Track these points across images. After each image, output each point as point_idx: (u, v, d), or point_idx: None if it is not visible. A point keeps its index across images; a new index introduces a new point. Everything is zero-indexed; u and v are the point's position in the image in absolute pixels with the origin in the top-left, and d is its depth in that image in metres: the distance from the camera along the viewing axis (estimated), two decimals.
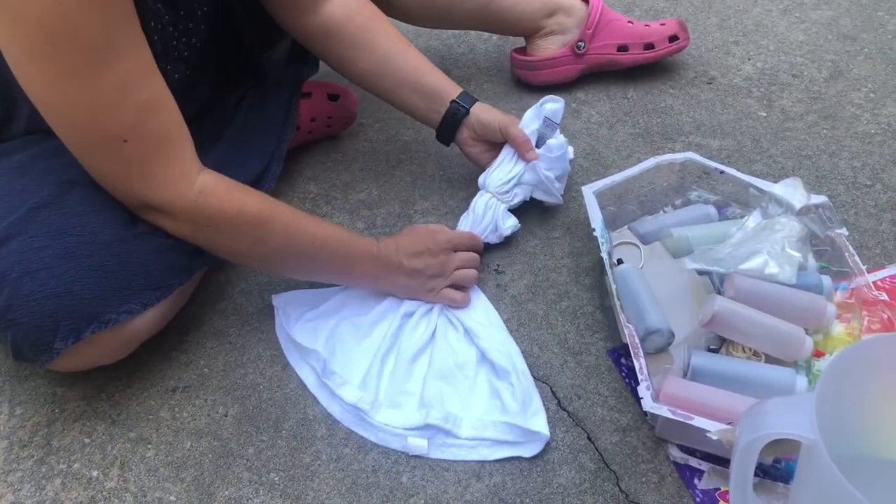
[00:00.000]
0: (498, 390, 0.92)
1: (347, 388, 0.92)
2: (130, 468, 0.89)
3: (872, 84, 1.39)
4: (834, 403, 0.63)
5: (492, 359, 0.94)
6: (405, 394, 0.92)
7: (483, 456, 0.87)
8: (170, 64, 0.92)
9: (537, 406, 0.90)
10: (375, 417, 0.89)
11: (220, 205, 0.85)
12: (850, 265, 0.96)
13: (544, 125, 1.14)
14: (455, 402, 0.91)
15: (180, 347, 1.02)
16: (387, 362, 0.96)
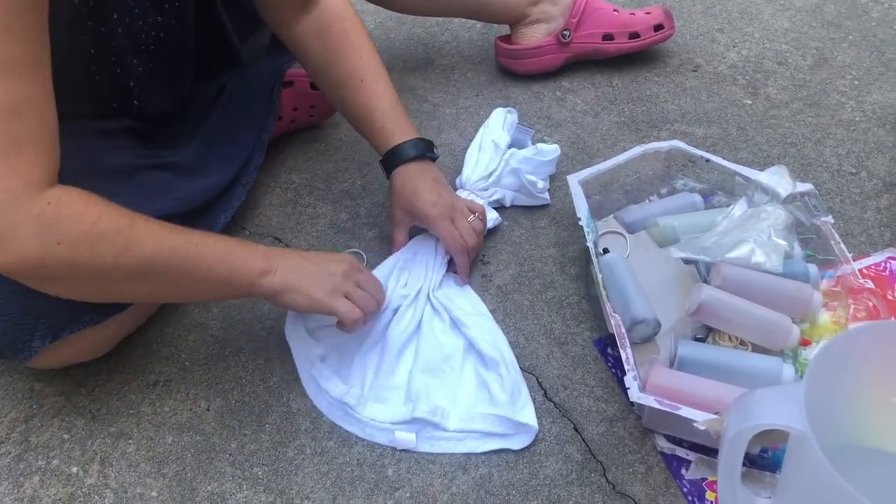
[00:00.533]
0: (486, 381, 0.91)
1: (335, 382, 0.91)
2: (111, 464, 0.88)
3: (857, 71, 1.38)
4: (822, 393, 0.62)
5: (480, 349, 0.93)
6: (391, 388, 0.91)
7: (471, 448, 0.87)
8: (136, 58, 0.90)
9: (526, 398, 0.89)
10: (362, 413, 0.88)
11: (73, 211, 0.70)
12: (836, 253, 0.96)
13: (517, 131, 1.17)
14: (442, 394, 0.91)
15: (161, 341, 1.00)
16: (372, 357, 0.94)
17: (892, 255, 1.03)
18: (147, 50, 0.93)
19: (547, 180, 1.16)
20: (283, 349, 0.98)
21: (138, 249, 0.74)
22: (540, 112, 1.33)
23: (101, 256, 0.72)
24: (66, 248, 0.69)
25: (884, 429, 0.71)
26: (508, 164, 1.12)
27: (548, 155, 1.14)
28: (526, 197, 1.14)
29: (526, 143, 1.17)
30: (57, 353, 0.85)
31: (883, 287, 0.98)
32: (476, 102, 1.37)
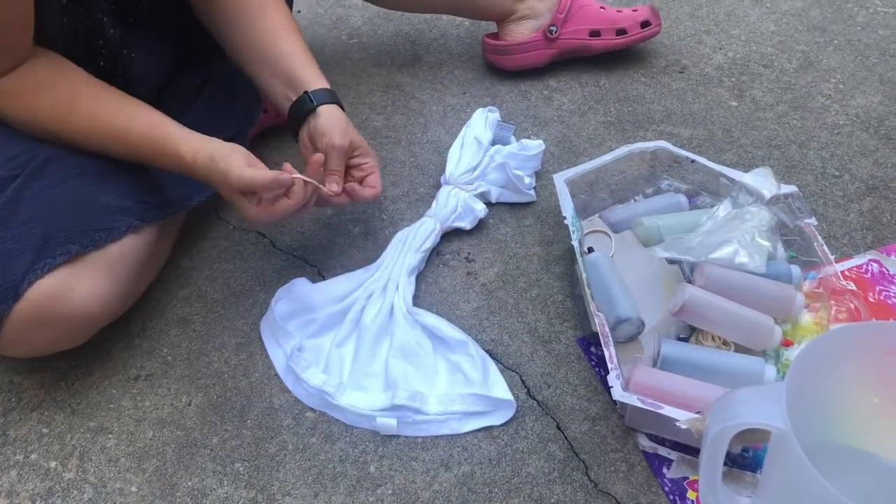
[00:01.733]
0: (457, 364, 0.92)
1: (313, 370, 0.91)
2: (90, 458, 0.87)
3: (841, 75, 1.39)
4: (803, 393, 0.63)
5: (442, 334, 0.94)
6: (370, 375, 0.91)
7: (453, 429, 0.87)
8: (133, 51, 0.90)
9: (496, 374, 0.91)
10: (341, 400, 0.88)
11: (12, 103, 0.86)
12: (818, 255, 0.96)
13: (499, 128, 1.17)
14: (419, 380, 0.91)
15: (143, 335, 0.99)
16: (348, 345, 0.94)
17: (874, 257, 1.04)
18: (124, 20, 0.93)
19: (533, 177, 1.16)
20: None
21: (73, 127, 0.87)
22: (527, 111, 1.33)
23: (42, 126, 0.87)
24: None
25: (865, 429, 0.71)
26: (493, 160, 1.12)
27: (532, 150, 1.15)
28: (512, 193, 1.14)
29: (509, 140, 1.18)
30: (32, 339, 0.84)
31: (864, 289, 0.99)
32: (463, 100, 1.36)
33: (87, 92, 0.88)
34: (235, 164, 0.87)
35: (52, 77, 0.87)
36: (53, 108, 0.87)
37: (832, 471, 0.55)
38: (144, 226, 0.92)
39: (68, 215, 0.84)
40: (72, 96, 0.87)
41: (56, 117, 0.87)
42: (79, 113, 0.87)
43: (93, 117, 0.88)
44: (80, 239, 0.84)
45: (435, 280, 1.05)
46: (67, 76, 0.88)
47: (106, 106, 0.89)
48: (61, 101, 0.87)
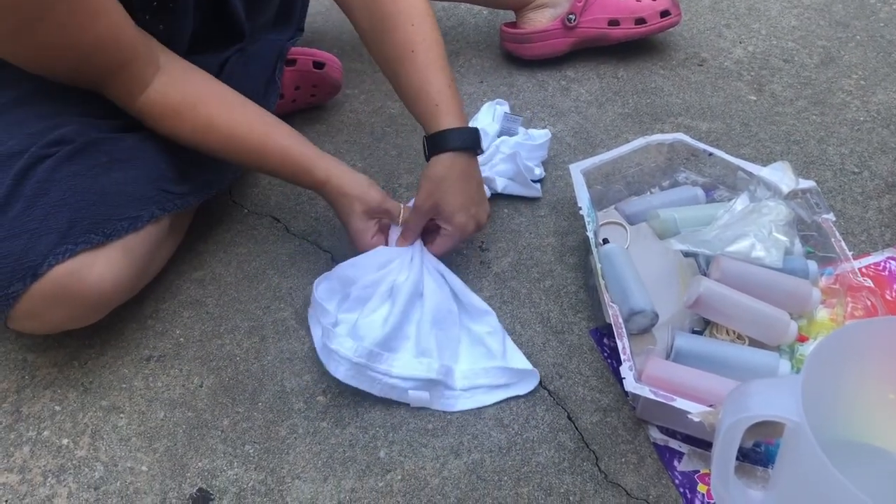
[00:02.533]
0: (479, 336, 0.93)
1: (342, 339, 0.88)
2: (101, 437, 0.87)
3: (863, 71, 1.38)
4: (819, 387, 0.62)
5: (469, 301, 0.95)
6: (402, 338, 0.91)
7: (481, 402, 0.89)
8: (149, 14, 0.90)
9: (513, 347, 0.93)
10: (377, 367, 0.87)
11: (154, 124, 0.92)
12: (836, 251, 0.95)
13: (506, 120, 1.16)
14: (446, 352, 0.92)
15: (156, 316, 1.00)
16: (380, 311, 0.92)
17: (892, 255, 1.03)
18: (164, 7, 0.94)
19: (542, 167, 1.16)
20: (279, 329, 0.98)
21: (211, 149, 0.94)
22: (544, 101, 1.33)
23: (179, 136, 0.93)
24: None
25: (880, 426, 0.71)
26: (500, 150, 1.12)
27: (538, 139, 1.15)
28: (520, 186, 1.13)
29: (516, 131, 1.17)
30: (45, 316, 0.84)
31: (882, 286, 0.98)
32: (480, 89, 1.36)
33: (221, 112, 0.93)
34: (380, 192, 0.98)
35: (187, 99, 0.91)
36: (194, 131, 0.93)
37: (844, 467, 0.54)
38: (165, 215, 0.93)
39: (94, 205, 0.84)
40: (209, 119, 0.92)
41: (197, 139, 0.93)
42: (217, 134, 0.93)
43: (229, 138, 0.94)
44: (103, 228, 0.85)
45: (448, 268, 1.04)
46: (201, 96, 0.93)
47: (241, 126, 0.94)
48: (201, 125, 0.92)
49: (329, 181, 0.96)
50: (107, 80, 0.87)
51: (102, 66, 0.86)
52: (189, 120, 0.92)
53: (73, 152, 0.85)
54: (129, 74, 0.88)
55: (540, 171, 1.15)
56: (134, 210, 0.88)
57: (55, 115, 0.88)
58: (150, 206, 0.91)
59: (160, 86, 0.90)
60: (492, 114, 1.18)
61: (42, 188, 0.82)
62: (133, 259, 0.88)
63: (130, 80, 0.88)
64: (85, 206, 0.83)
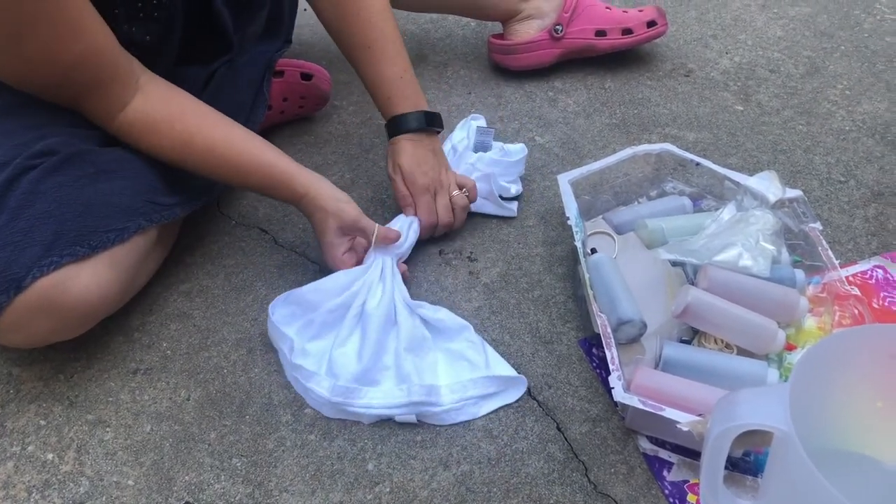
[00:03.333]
0: (459, 352, 0.93)
1: (317, 379, 0.89)
2: (87, 451, 0.86)
3: (848, 81, 1.39)
4: (807, 395, 0.62)
5: (441, 325, 0.94)
6: (382, 369, 0.90)
7: (472, 414, 0.88)
8: (135, 25, 0.90)
9: (495, 356, 0.93)
10: (357, 403, 0.87)
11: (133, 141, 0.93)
12: (823, 260, 0.96)
13: (479, 134, 1.15)
14: (428, 372, 0.91)
15: (143, 329, 0.99)
16: (351, 341, 0.93)
17: (879, 263, 1.03)
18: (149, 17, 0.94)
19: (519, 183, 1.15)
20: (266, 341, 0.97)
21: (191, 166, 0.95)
22: (532, 112, 1.33)
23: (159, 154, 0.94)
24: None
25: (868, 434, 0.71)
26: (476, 169, 1.11)
27: (514, 155, 1.13)
28: (493, 206, 1.12)
29: (489, 144, 1.15)
30: (31, 327, 0.83)
31: (868, 295, 0.98)
32: (468, 100, 1.36)
33: (200, 129, 0.94)
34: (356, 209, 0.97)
35: (166, 117, 0.92)
36: (173, 148, 0.93)
37: (833, 476, 0.54)
38: (152, 226, 0.93)
39: (80, 217, 0.84)
40: (188, 135, 0.93)
41: (176, 155, 0.94)
42: (195, 150, 0.93)
43: (208, 153, 0.94)
44: (89, 240, 0.84)
45: (437, 279, 1.04)
46: (180, 114, 0.93)
47: (219, 142, 0.94)
48: (179, 142, 0.93)
49: (307, 195, 0.97)
50: (85, 97, 0.88)
51: (81, 84, 0.86)
52: (168, 137, 0.92)
53: (59, 163, 0.84)
54: (107, 93, 0.88)
55: (517, 188, 1.14)
56: (120, 222, 0.88)
57: (42, 126, 0.88)
58: (136, 217, 0.90)
59: (139, 104, 0.90)
60: (466, 129, 1.17)
61: (27, 200, 0.81)
62: (119, 271, 0.88)
63: (109, 98, 0.89)
64: (71, 217, 0.83)
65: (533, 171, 1.21)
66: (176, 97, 0.94)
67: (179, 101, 0.94)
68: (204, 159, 0.94)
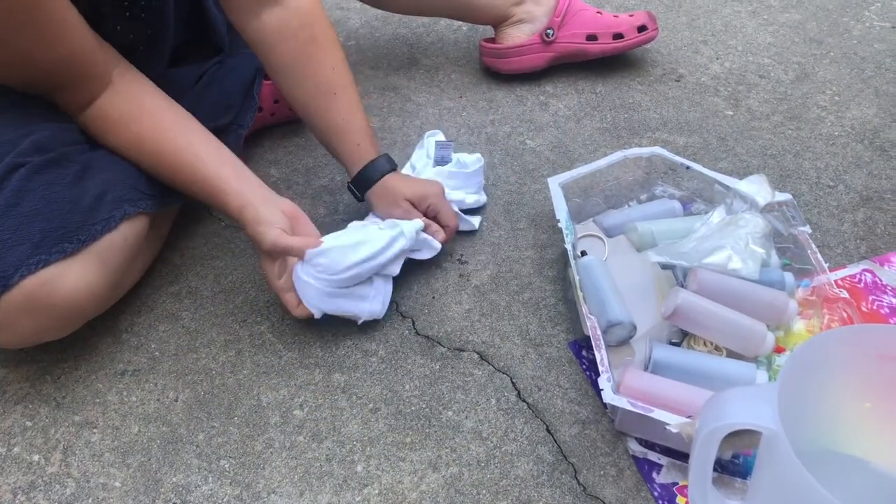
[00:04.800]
0: None
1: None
2: (74, 453, 0.86)
3: (837, 87, 1.40)
4: (795, 395, 0.62)
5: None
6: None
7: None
8: (120, 24, 0.90)
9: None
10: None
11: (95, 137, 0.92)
12: (812, 263, 0.96)
13: (439, 148, 1.13)
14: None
15: (131, 330, 0.99)
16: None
17: (867, 267, 1.03)
18: (134, 16, 0.94)
19: (481, 193, 1.14)
20: (255, 342, 0.97)
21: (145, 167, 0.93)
22: (522, 115, 1.33)
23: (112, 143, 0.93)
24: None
25: (855, 435, 0.71)
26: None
27: (470, 166, 1.11)
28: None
29: (449, 157, 1.13)
30: (17, 327, 0.82)
31: (857, 298, 0.99)
32: (459, 104, 1.36)
33: (154, 131, 0.92)
34: (273, 233, 0.89)
35: (124, 116, 0.91)
36: (127, 147, 0.92)
37: (822, 476, 0.54)
38: (137, 215, 0.92)
39: (68, 214, 0.83)
40: (141, 137, 0.92)
41: (132, 155, 0.93)
42: (145, 152, 0.92)
43: (156, 156, 0.92)
44: (77, 235, 0.84)
45: (427, 281, 1.04)
46: (138, 114, 0.92)
47: (170, 148, 0.92)
48: (132, 141, 0.92)
49: (241, 216, 0.91)
50: (58, 92, 0.89)
51: (56, 82, 0.87)
52: (123, 135, 0.91)
53: (48, 161, 0.84)
54: (78, 89, 0.89)
55: (478, 198, 1.13)
56: (106, 212, 0.87)
57: (29, 123, 0.87)
58: (122, 205, 0.90)
59: (104, 101, 0.90)
60: (425, 149, 1.15)
61: (15, 198, 0.81)
62: (108, 270, 0.87)
63: (79, 94, 0.89)
64: (58, 215, 0.82)
65: (524, 174, 1.21)
66: (141, 96, 0.93)
67: (142, 100, 0.93)
68: (152, 163, 0.93)
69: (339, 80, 1.02)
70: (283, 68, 1.02)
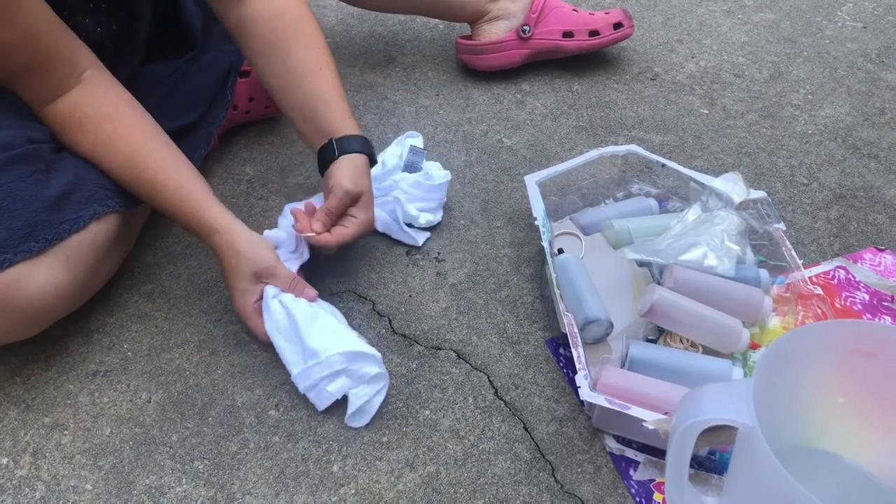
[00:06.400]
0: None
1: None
2: (44, 455, 0.84)
3: (810, 86, 1.41)
4: (770, 391, 0.63)
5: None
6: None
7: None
8: (88, 17, 0.88)
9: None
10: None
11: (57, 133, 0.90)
12: (787, 260, 0.97)
13: (411, 153, 1.12)
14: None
15: (103, 330, 0.97)
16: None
17: (841, 264, 1.04)
18: (98, 8, 0.92)
19: (438, 214, 1.11)
20: (230, 342, 0.96)
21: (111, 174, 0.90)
22: (499, 114, 1.33)
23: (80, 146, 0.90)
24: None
25: (829, 430, 0.71)
26: (398, 187, 1.08)
27: (437, 180, 1.09)
28: (398, 232, 1.09)
29: (419, 166, 1.12)
30: None
31: (831, 295, 1.00)
32: (436, 102, 1.36)
33: (129, 134, 0.90)
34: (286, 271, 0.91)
35: (96, 115, 0.89)
36: (93, 147, 0.89)
37: (796, 472, 0.55)
38: (107, 214, 0.90)
39: (34, 212, 0.82)
40: (112, 136, 0.89)
41: (96, 154, 0.90)
42: (116, 153, 0.89)
43: (128, 159, 0.90)
44: (44, 234, 0.82)
45: (404, 280, 1.04)
46: (112, 115, 0.90)
47: (143, 151, 0.90)
48: (102, 141, 0.89)
49: (221, 233, 0.90)
50: (17, 80, 0.86)
51: (11, 68, 0.84)
52: (92, 134, 0.89)
53: (13, 159, 0.82)
54: (40, 80, 0.86)
55: (431, 217, 1.10)
56: (74, 212, 0.86)
57: None
58: (91, 204, 0.88)
59: (73, 98, 0.88)
60: (401, 145, 1.14)
61: None
62: (76, 270, 0.86)
63: (41, 85, 0.86)
64: (24, 213, 0.81)
65: (500, 172, 1.20)
66: (115, 98, 0.91)
67: (117, 102, 0.91)
68: (122, 165, 0.90)
69: (324, 59, 1.00)
70: (267, 47, 1.00)
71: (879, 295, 1.00)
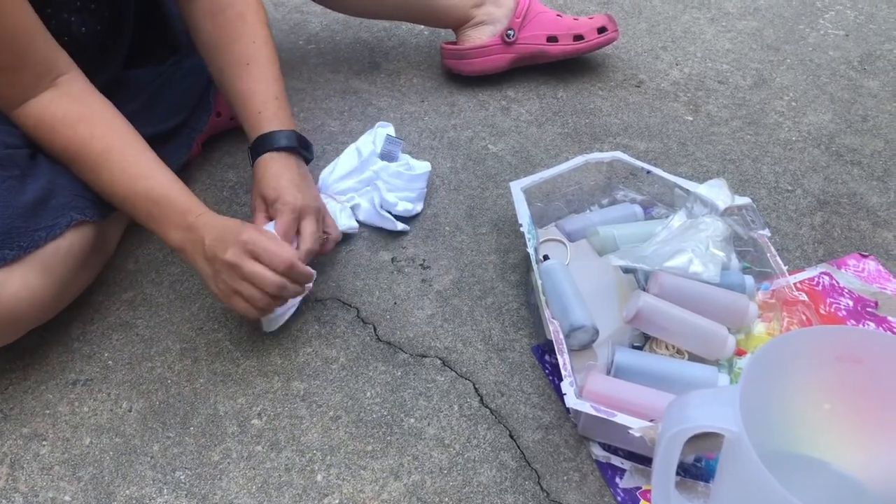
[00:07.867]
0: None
1: None
2: (21, 466, 0.83)
3: (794, 93, 1.41)
4: (756, 397, 0.62)
5: None
6: None
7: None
8: (74, 15, 0.87)
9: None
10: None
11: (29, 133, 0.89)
12: (772, 266, 0.97)
13: (388, 142, 1.13)
14: None
15: (83, 338, 0.96)
16: None
17: (825, 270, 1.04)
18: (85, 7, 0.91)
19: (419, 204, 1.13)
20: (212, 350, 0.94)
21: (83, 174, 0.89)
22: (485, 120, 1.33)
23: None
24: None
25: (815, 436, 0.71)
26: (379, 177, 1.09)
27: (417, 170, 1.11)
28: (378, 218, 1.10)
29: (396, 155, 1.13)
30: None
31: (816, 301, 1.00)
32: (421, 108, 1.35)
33: (104, 134, 0.88)
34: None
35: (69, 116, 0.87)
36: (65, 149, 0.88)
37: (783, 478, 0.54)
38: (84, 222, 0.89)
39: (8, 219, 0.81)
40: (88, 138, 0.87)
41: (68, 156, 0.88)
42: (90, 153, 0.88)
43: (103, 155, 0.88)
44: (18, 242, 0.81)
45: (389, 287, 1.03)
46: (87, 117, 0.88)
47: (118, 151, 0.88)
48: (74, 143, 0.88)
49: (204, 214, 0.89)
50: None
51: None
52: (64, 136, 0.87)
53: None
54: (11, 79, 0.85)
55: (411, 206, 1.11)
56: (50, 219, 0.85)
57: None
58: (67, 211, 0.87)
59: (46, 99, 0.87)
60: (373, 134, 1.16)
61: None
62: (51, 278, 0.85)
63: (13, 85, 0.85)
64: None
65: (486, 179, 1.20)
66: (90, 100, 0.90)
67: (92, 104, 0.90)
68: (96, 164, 0.88)
69: (255, 53, 1.00)
70: (209, 42, 1.01)
71: (863, 301, 1.00)
